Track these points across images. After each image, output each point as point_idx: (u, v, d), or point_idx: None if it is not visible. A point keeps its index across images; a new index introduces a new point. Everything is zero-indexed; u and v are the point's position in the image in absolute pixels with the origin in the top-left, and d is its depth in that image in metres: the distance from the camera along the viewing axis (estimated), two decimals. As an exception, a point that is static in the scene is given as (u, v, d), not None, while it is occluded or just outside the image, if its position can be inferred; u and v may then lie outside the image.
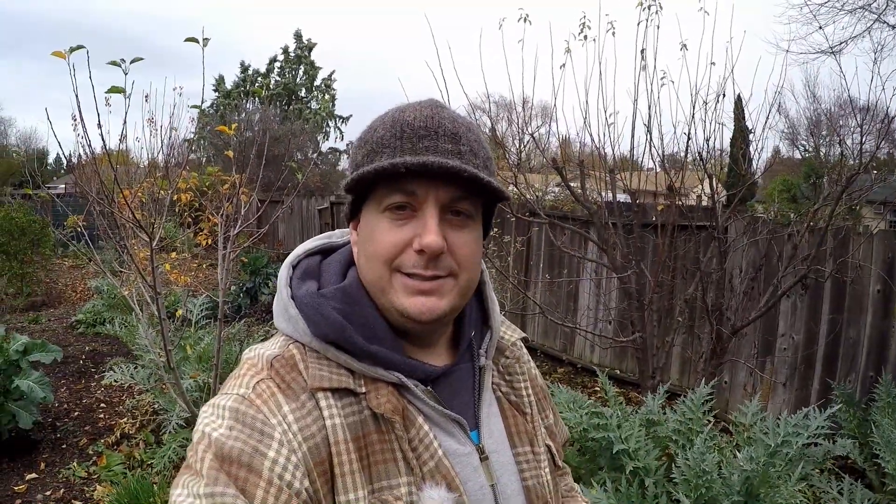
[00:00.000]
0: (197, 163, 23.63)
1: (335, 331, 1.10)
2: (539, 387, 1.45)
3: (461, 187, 1.08)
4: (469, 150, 1.11)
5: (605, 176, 5.63)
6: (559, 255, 8.98)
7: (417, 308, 1.09)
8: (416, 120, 1.10)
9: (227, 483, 0.94)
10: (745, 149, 5.53)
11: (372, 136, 1.13)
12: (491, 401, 1.27)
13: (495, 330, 1.32)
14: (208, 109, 35.92)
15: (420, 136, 1.08)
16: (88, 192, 4.89)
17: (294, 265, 1.25)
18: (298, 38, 38.97)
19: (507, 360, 1.35)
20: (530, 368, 1.43)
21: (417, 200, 1.08)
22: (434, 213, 1.07)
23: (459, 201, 1.10)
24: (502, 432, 1.26)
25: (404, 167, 1.01)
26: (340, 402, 1.08)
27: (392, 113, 1.15)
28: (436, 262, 1.08)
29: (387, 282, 1.11)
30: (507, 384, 1.33)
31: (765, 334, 6.51)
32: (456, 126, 1.12)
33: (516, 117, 5.90)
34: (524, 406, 1.32)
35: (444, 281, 1.11)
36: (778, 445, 3.43)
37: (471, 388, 1.24)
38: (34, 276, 13.20)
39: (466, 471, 1.14)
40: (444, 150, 1.08)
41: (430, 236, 1.05)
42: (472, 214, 1.13)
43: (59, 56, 3.35)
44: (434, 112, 1.12)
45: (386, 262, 1.09)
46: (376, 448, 1.07)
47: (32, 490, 5.30)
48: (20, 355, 6.03)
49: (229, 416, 1.02)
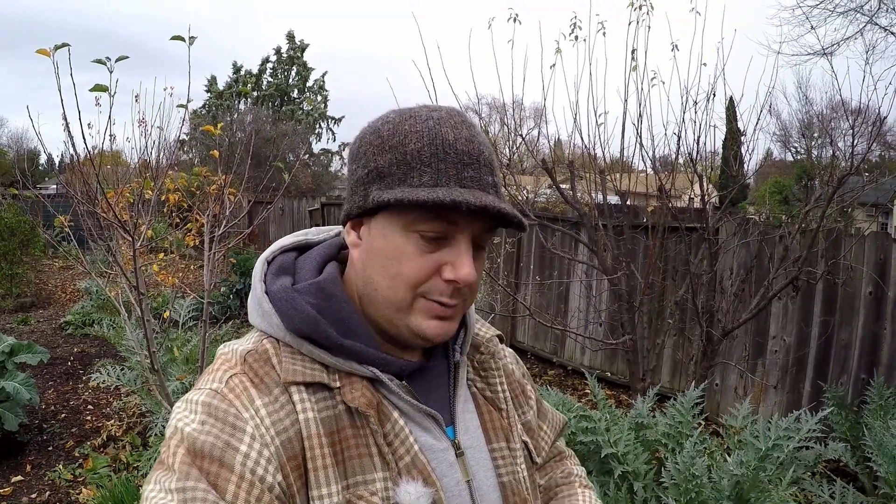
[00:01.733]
0: (189, 163, 23.59)
1: (308, 325, 1.09)
2: (517, 382, 1.44)
3: (492, 222, 1.09)
4: (500, 182, 1.12)
5: (595, 177, 5.61)
6: (549, 257, 8.96)
7: (434, 331, 1.10)
8: (458, 142, 1.07)
9: (199, 478, 0.94)
10: (737, 150, 5.51)
11: (403, 145, 1.07)
12: (466, 397, 1.27)
13: (470, 326, 1.31)
14: (200, 110, 35.89)
15: (464, 164, 1.06)
16: (73, 193, 4.84)
17: (269, 261, 1.24)
18: (291, 39, 38.94)
19: (481, 357, 1.35)
20: (506, 364, 1.43)
21: (453, 231, 1.07)
22: (469, 246, 1.08)
23: (484, 234, 1.11)
24: (478, 428, 1.26)
25: (466, 207, 1.00)
26: (314, 396, 1.07)
27: (426, 123, 1.08)
28: (459, 291, 1.10)
29: (408, 304, 1.10)
30: (482, 380, 1.33)
31: (756, 336, 6.50)
32: (490, 153, 1.12)
33: (508, 119, 5.87)
34: (499, 402, 1.32)
35: (459, 307, 1.13)
36: (769, 449, 3.40)
37: (446, 384, 1.24)
38: (24, 276, 13.15)
39: (442, 466, 1.14)
40: (487, 184, 1.08)
41: (466, 270, 1.06)
42: (486, 244, 1.16)
43: (43, 54, 3.31)
44: (471, 134, 1.10)
45: (412, 286, 1.08)
46: (351, 443, 1.06)
47: (18, 493, 5.27)
48: (6, 356, 6.02)
49: (202, 411, 1.01)
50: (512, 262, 9.57)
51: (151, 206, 5.01)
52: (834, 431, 5.18)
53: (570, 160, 5.73)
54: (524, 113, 6.86)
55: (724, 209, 5.71)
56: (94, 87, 3.62)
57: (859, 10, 14.38)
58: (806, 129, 26.79)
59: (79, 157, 4.33)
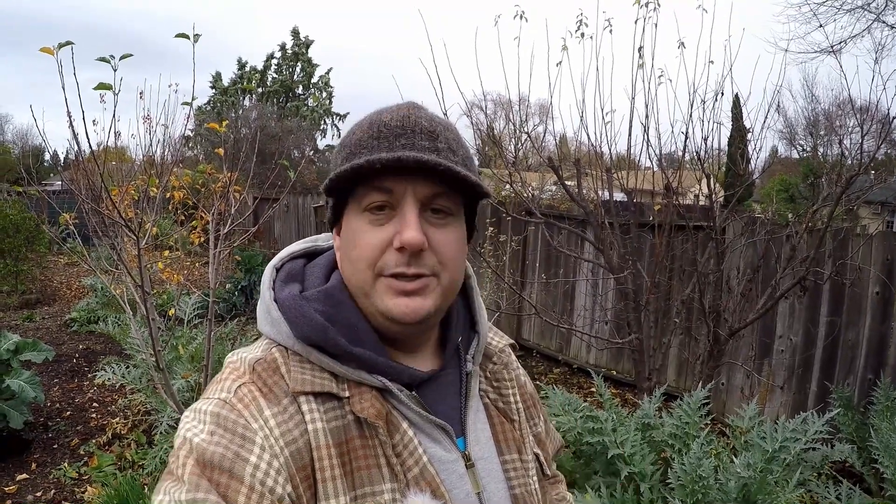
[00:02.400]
0: (194, 160, 23.61)
1: (317, 332, 1.08)
2: (528, 394, 1.43)
3: (439, 183, 1.07)
4: (447, 147, 1.10)
5: (601, 175, 5.58)
6: (556, 255, 8.94)
7: (401, 309, 1.08)
8: (393, 120, 1.09)
9: (209, 489, 0.93)
10: (744, 148, 5.48)
11: (350, 139, 1.12)
12: (478, 407, 1.25)
13: (482, 335, 1.30)
14: (205, 107, 35.91)
15: (396, 135, 1.07)
16: (77, 190, 4.84)
17: (278, 268, 1.24)
18: (296, 36, 38.95)
19: (494, 367, 1.33)
20: (519, 375, 1.41)
21: (395, 198, 1.06)
22: (413, 209, 1.06)
23: (438, 198, 1.08)
24: (490, 439, 1.24)
25: (379, 163, 1.00)
26: (323, 406, 1.06)
27: (370, 116, 1.14)
28: (418, 261, 1.07)
29: (370, 285, 1.09)
30: (494, 391, 1.31)
31: (762, 336, 6.48)
32: (433, 125, 1.11)
33: (513, 116, 5.85)
34: (512, 413, 1.30)
35: (428, 280, 1.09)
36: (776, 450, 3.39)
37: (457, 394, 1.23)
38: (29, 273, 13.18)
39: (452, 478, 1.12)
40: (421, 147, 1.07)
41: (409, 232, 1.04)
42: (452, 211, 1.12)
43: (47, 52, 3.31)
44: (410, 112, 1.11)
45: (369, 264, 1.08)
46: (359, 454, 1.05)
47: (23, 490, 5.27)
48: (11, 354, 6.01)
49: (210, 421, 1.00)
50: (518, 260, 9.56)
51: (156, 203, 5.00)
52: (840, 432, 5.15)
53: (577, 158, 5.70)
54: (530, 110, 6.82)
55: (731, 208, 5.68)
56: (98, 86, 3.62)
57: (866, 8, 14.34)
58: (812, 126, 26.68)
59: (82, 155, 4.32)
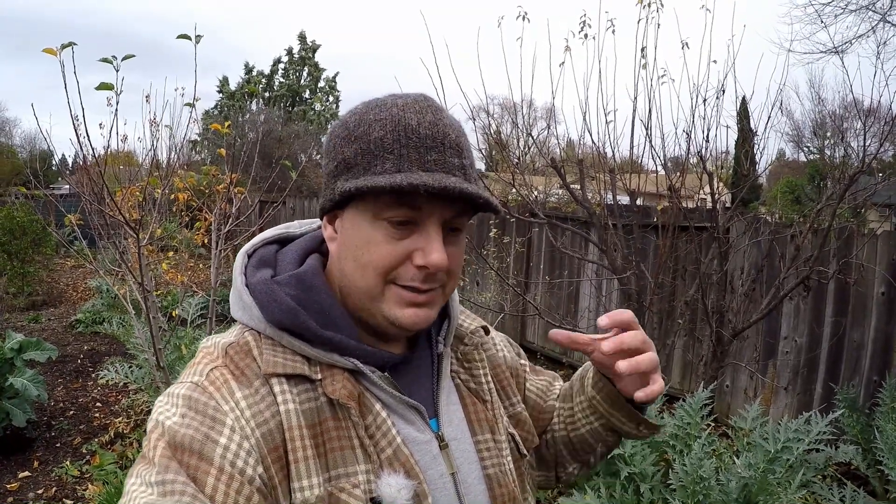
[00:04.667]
0: (200, 163, 23.67)
1: (288, 316, 1.09)
2: (507, 370, 1.44)
3: (463, 204, 1.08)
4: (470, 164, 1.11)
5: (605, 176, 5.58)
6: (559, 257, 8.92)
7: (410, 319, 1.09)
8: (421, 126, 1.06)
9: (178, 471, 0.94)
10: (748, 149, 5.47)
11: (367, 134, 1.07)
12: (450, 388, 1.27)
13: (453, 318, 1.30)
14: (212, 111, 35.98)
15: (427, 147, 1.05)
16: (82, 192, 4.86)
17: (249, 254, 1.24)
18: (303, 40, 38.95)
19: (465, 348, 1.34)
20: (494, 354, 1.43)
21: (421, 216, 1.06)
22: (438, 230, 1.07)
23: (458, 217, 1.09)
24: (462, 420, 1.25)
25: (425, 190, 0.99)
26: (296, 388, 1.07)
27: (390, 110, 1.08)
28: (434, 277, 1.09)
29: (379, 292, 1.09)
30: (465, 371, 1.32)
31: (766, 337, 6.45)
32: (457, 135, 1.10)
33: (518, 119, 5.85)
34: (483, 393, 1.31)
35: (436, 293, 1.12)
36: (778, 451, 3.37)
37: (429, 376, 1.24)
38: (35, 275, 13.22)
39: (426, 458, 1.14)
40: (452, 167, 1.06)
41: (435, 255, 1.05)
42: (464, 228, 1.14)
43: (50, 53, 3.33)
44: (436, 118, 1.08)
45: (381, 273, 1.08)
46: (333, 435, 1.06)
47: (24, 488, 5.29)
48: (15, 353, 6.03)
49: (182, 404, 1.01)
50: (522, 262, 9.55)
51: (160, 204, 5.01)
52: (845, 434, 5.12)
53: (580, 159, 5.70)
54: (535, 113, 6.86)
55: (735, 208, 5.67)
56: (100, 86, 3.64)
57: (871, 8, 14.30)
58: (818, 128, 26.62)
59: (86, 158, 4.34)
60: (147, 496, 0.91)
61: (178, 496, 0.91)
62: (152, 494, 0.91)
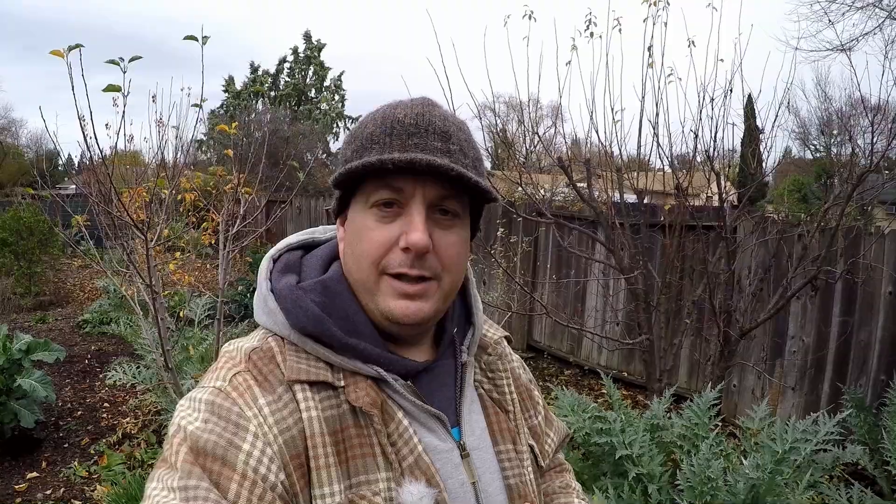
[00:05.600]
0: (206, 163, 23.71)
1: (313, 323, 1.09)
2: (524, 386, 1.44)
3: (449, 185, 1.07)
4: (458, 150, 1.10)
5: (612, 175, 5.57)
6: (567, 256, 8.93)
7: (402, 311, 1.09)
8: (407, 117, 1.09)
9: (201, 476, 0.94)
10: (755, 147, 5.46)
11: (362, 132, 1.12)
12: (473, 398, 1.27)
13: (478, 327, 1.31)
14: (218, 110, 36.02)
15: (410, 133, 1.07)
16: (89, 193, 4.87)
17: (275, 259, 1.25)
18: (308, 39, 38.96)
19: (489, 358, 1.34)
20: (514, 367, 1.43)
21: (404, 197, 1.07)
22: (421, 210, 1.07)
23: (447, 200, 1.09)
24: (484, 430, 1.25)
25: (392, 163, 1.01)
26: (318, 395, 1.07)
27: (383, 110, 1.14)
28: (422, 262, 1.07)
29: (374, 283, 1.10)
30: (489, 381, 1.32)
31: (774, 337, 6.44)
32: (446, 124, 1.11)
33: (525, 117, 5.84)
34: (506, 404, 1.31)
35: (429, 285, 1.10)
36: (786, 452, 3.36)
37: (452, 385, 1.24)
38: (42, 275, 13.26)
39: (447, 467, 1.13)
40: (433, 148, 1.07)
41: (416, 234, 1.05)
42: (458, 214, 1.13)
43: (57, 55, 3.33)
44: (425, 110, 1.11)
45: (373, 262, 1.09)
46: (354, 442, 1.06)
47: (33, 489, 5.31)
48: (23, 354, 6.05)
49: (205, 409, 1.01)
50: (529, 261, 9.54)
51: (167, 205, 5.02)
52: (852, 434, 5.10)
53: (587, 158, 5.69)
54: (541, 111, 6.84)
55: (743, 207, 5.65)
56: (107, 88, 3.64)
57: (878, 5, 14.29)
58: (825, 126, 26.53)
59: (93, 158, 4.34)
60: (169, 501, 0.92)
61: (200, 502, 0.92)
62: (174, 499, 0.92)
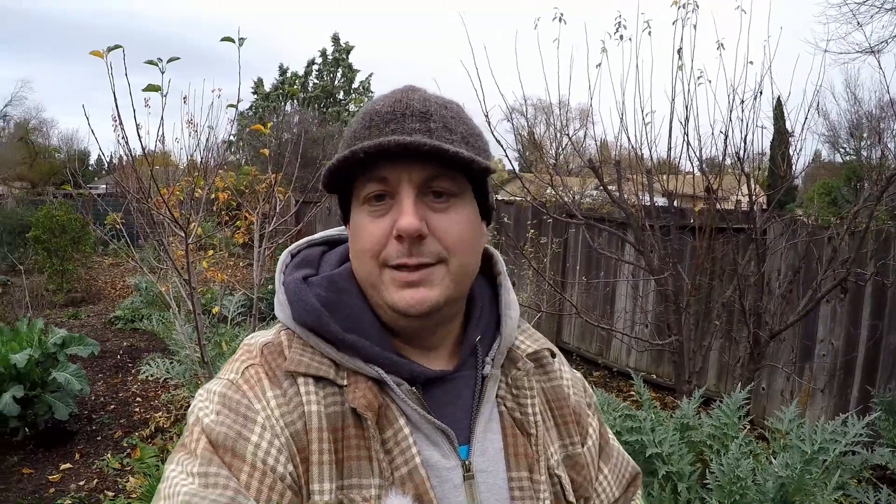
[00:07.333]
0: (237, 164, 23.84)
1: (312, 317, 1.08)
2: (569, 408, 1.29)
3: (438, 165, 1.02)
4: (442, 126, 1.06)
5: (642, 178, 5.58)
6: (596, 257, 8.92)
7: (406, 301, 1.04)
8: (384, 106, 1.07)
9: (221, 465, 0.95)
10: (785, 150, 5.45)
11: (347, 132, 1.11)
12: (492, 415, 1.16)
13: (505, 336, 1.20)
14: (247, 112, 36.18)
15: (387, 121, 1.05)
16: (127, 190, 4.94)
17: (293, 254, 1.24)
18: (336, 42, 39.04)
19: (517, 373, 1.21)
20: (559, 385, 1.31)
21: (392, 186, 1.03)
22: (409, 194, 1.02)
23: (436, 180, 1.04)
24: (499, 452, 1.14)
25: (362, 152, 0.98)
26: (323, 390, 1.05)
27: (366, 105, 1.11)
28: (420, 249, 1.03)
29: (377, 277, 1.06)
30: (512, 399, 1.19)
31: (803, 339, 6.41)
32: (426, 105, 1.07)
33: (554, 120, 5.87)
34: (528, 426, 1.17)
35: (433, 269, 1.05)
36: (814, 452, 3.36)
37: (470, 399, 1.14)
38: (74, 272, 13.44)
39: (444, 487, 1.06)
40: (411, 130, 1.03)
41: (404, 218, 1.00)
42: (454, 193, 1.06)
43: (97, 55, 3.38)
44: (403, 96, 1.09)
45: (372, 256, 1.05)
46: (352, 443, 1.03)
47: (66, 479, 5.40)
48: (58, 348, 6.14)
49: (217, 401, 1.03)
50: (559, 262, 9.55)
51: (201, 203, 5.09)
52: (881, 437, 5.08)
53: (617, 160, 5.71)
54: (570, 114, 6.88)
55: (772, 210, 5.64)
56: (147, 87, 3.69)
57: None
58: (855, 129, 26.24)
59: (133, 156, 4.41)
60: (188, 485, 0.93)
61: (220, 490, 0.93)
62: (193, 484, 0.93)
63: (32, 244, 13.14)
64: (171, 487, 0.94)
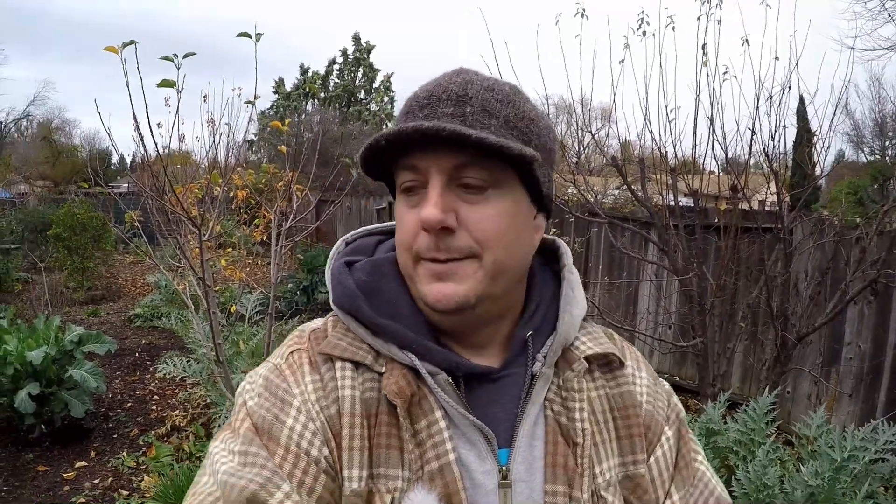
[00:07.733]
0: (256, 163, 23.99)
1: (347, 300, 1.07)
2: (638, 419, 1.14)
3: (468, 153, 0.95)
4: (480, 110, 0.98)
5: (666, 177, 5.50)
6: (619, 257, 8.83)
7: (434, 296, 0.99)
8: (423, 91, 1.03)
9: (261, 446, 0.96)
10: (810, 149, 5.34)
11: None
12: (538, 419, 1.06)
13: (560, 333, 1.09)
14: (268, 111, 36.35)
15: (422, 106, 1.00)
16: (143, 188, 4.92)
17: (348, 242, 1.23)
18: (357, 41, 39.16)
19: (570, 374, 1.09)
20: (630, 392, 1.16)
21: (423, 175, 0.98)
22: (437, 184, 0.97)
23: (465, 169, 0.97)
24: (540, 459, 1.04)
25: (384, 139, 0.94)
26: (361, 376, 1.03)
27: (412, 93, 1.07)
28: (448, 242, 0.97)
29: (412, 270, 1.03)
30: (561, 402, 1.07)
31: (830, 342, 6.29)
32: (466, 88, 1.00)
33: (576, 118, 5.80)
34: (574, 434, 1.05)
35: (462, 263, 0.99)
36: (844, 460, 3.27)
37: (517, 399, 1.06)
38: (95, 270, 13.54)
39: (478, 491, 0.99)
40: (443, 115, 0.97)
41: (426, 209, 0.95)
42: (489, 184, 0.98)
43: (111, 51, 3.36)
44: (444, 79, 1.03)
45: (407, 248, 1.02)
46: (383, 430, 1.00)
47: (81, 477, 5.40)
48: (75, 345, 6.16)
49: (260, 384, 1.04)
50: (580, 262, 9.46)
51: (219, 201, 5.06)
52: (911, 444, 4.97)
53: (641, 158, 5.62)
54: (592, 113, 6.79)
55: (798, 209, 5.54)
56: (162, 83, 3.67)
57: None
58: (880, 127, 26.04)
59: (148, 154, 4.38)
60: (229, 462, 0.95)
61: (258, 469, 0.93)
62: (233, 462, 0.95)
63: (53, 242, 13.23)
64: (214, 465, 0.97)
